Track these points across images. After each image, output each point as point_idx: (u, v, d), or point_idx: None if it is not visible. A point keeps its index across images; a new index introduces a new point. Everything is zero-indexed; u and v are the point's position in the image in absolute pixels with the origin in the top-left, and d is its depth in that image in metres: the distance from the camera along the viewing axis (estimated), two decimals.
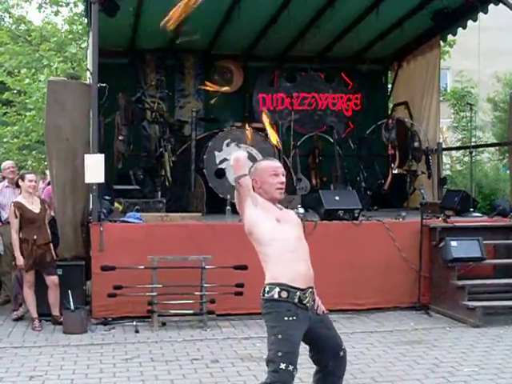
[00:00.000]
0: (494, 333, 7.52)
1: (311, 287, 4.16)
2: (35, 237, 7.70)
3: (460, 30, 11.16)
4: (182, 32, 5.83)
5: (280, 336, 4.00)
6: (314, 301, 4.18)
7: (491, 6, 9.97)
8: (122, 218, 8.50)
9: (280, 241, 4.12)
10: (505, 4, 9.28)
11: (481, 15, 10.38)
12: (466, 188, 11.25)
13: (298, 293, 4.05)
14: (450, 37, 12.48)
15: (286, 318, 4.02)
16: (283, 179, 4.27)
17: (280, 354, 3.97)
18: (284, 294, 4.03)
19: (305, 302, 4.08)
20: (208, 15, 10.50)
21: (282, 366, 3.95)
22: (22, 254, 7.65)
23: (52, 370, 6.20)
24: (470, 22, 10.83)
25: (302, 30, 11.52)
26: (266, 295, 4.09)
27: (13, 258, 7.89)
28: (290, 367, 3.97)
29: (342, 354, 4.25)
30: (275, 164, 4.33)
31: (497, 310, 8.27)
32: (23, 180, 7.92)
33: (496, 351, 6.79)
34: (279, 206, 4.32)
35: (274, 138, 5.43)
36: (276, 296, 4.04)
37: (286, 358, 3.97)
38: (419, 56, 12.41)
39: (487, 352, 6.76)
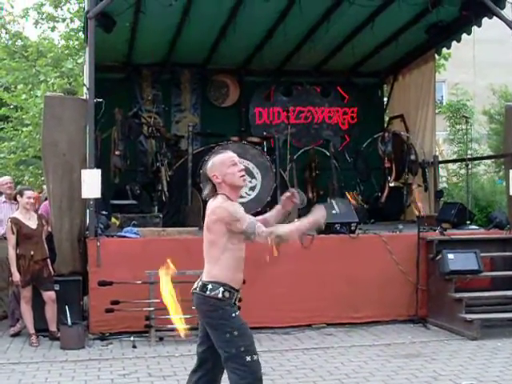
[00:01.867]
0: (492, 345, 7.52)
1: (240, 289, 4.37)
2: (32, 252, 7.70)
3: (455, 42, 11.23)
4: None
5: (236, 332, 4.18)
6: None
7: (485, 19, 10.02)
8: (118, 233, 8.49)
9: (237, 250, 4.28)
10: (498, 17, 9.33)
11: (475, 28, 10.43)
12: (462, 200, 11.26)
13: (235, 294, 4.29)
14: (445, 50, 12.53)
15: (233, 315, 4.24)
16: (242, 166, 4.39)
17: (243, 348, 4.16)
18: (227, 294, 4.23)
19: (236, 302, 4.32)
20: (204, 30, 10.59)
21: (248, 358, 4.16)
22: (19, 270, 7.64)
23: None
24: (464, 35, 10.89)
25: (298, 44, 11.58)
26: (208, 292, 4.24)
27: (9, 273, 7.88)
28: (255, 357, 4.19)
29: None
30: (230, 154, 4.43)
31: (494, 322, 8.28)
32: (21, 196, 7.93)
33: (494, 364, 6.79)
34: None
35: None
36: (220, 295, 4.22)
37: (249, 351, 4.18)
38: (414, 69, 12.46)
39: (485, 365, 6.75)
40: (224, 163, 4.33)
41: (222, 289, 4.21)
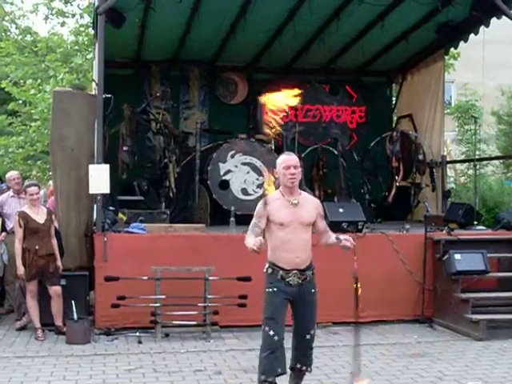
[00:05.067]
0: (498, 346, 7.51)
1: (298, 269, 5.03)
2: (37, 247, 7.70)
3: (463, 43, 11.18)
4: None
5: (264, 303, 5.04)
6: (303, 280, 5.05)
7: (493, 20, 9.98)
8: (126, 229, 8.50)
9: (275, 235, 5.05)
10: (509, 17, 9.29)
11: (485, 29, 10.39)
12: (470, 201, 11.23)
13: (280, 271, 5.00)
14: (454, 50, 12.47)
15: (266, 290, 5.04)
16: (293, 170, 5.04)
17: (263, 318, 5.01)
18: (270, 270, 5.07)
19: (287, 279, 5.01)
20: (213, 27, 10.59)
21: (263, 327, 5.00)
22: (24, 264, 7.65)
23: (55, 380, 6.21)
24: (472, 36, 10.84)
25: (307, 42, 11.55)
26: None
27: (16, 267, 7.90)
28: (266, 328, 4.96)
29: (308, 337, 5.14)
30: (288, 157, 5.14)
31: (501, 323, 8.24)
32: (25, 193, 7.99)
33: (500, 365, 6.78)
34: (295, 200, 5.06)
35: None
36: (264, 270, 5.10)
37: (266, 323, 4.97)
38: (423, 69, 12.42)
39: (491, 365, 6.74)
40: (281, 164, 5.09)
41: (267, 265, 5.09)
